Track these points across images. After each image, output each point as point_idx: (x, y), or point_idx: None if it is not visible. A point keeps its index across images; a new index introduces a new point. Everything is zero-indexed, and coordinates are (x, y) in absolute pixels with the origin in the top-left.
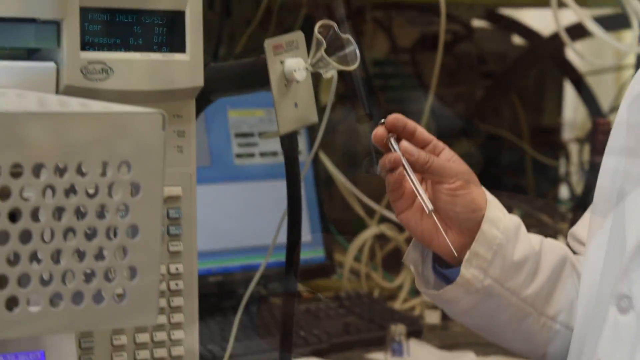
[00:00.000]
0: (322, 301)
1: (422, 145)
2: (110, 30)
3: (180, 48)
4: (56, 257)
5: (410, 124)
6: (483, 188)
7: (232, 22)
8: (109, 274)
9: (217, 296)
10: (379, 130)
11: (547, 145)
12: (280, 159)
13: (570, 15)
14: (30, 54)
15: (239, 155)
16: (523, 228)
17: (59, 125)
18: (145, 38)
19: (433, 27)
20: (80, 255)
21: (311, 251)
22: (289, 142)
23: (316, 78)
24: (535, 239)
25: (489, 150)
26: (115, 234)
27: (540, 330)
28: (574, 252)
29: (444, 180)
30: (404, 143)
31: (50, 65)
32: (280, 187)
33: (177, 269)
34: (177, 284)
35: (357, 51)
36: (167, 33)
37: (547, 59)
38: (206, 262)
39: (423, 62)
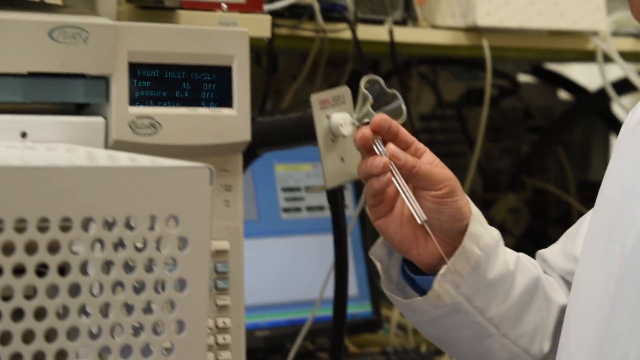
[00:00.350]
0: (369, 356)
1: (404, 147)
2: (158, 86)
3: (228, 103)
4: (105, 310)
5: (394, 124)
6: (467, 197)
7: (279, 77)
8: (157, 328)
9: (265, 351)
10: (365, 132)
11: (593, 200)
12: (327, 213)
13: (616, 70)
14: (80, 109)
15: (285, 210)
16: (502, 243)
17: (107, 179)
18: (193, 93)
19: (479, 82)
20: (129, 308)
21: (358, 305)
22: (335, 196)
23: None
24: (512, 256)
25: (535, 205)
26: (163, 288)
27: (499, 351)
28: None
29: (430, 186)
30: (392, 146)
31: (99, 120)
32: (327, 242)
33: (224, 323)
34: (224, 338)
35: (403, 105)
36: (214, 88)
37: (594, 114)
38: (253, 316)
39: (469, 116)
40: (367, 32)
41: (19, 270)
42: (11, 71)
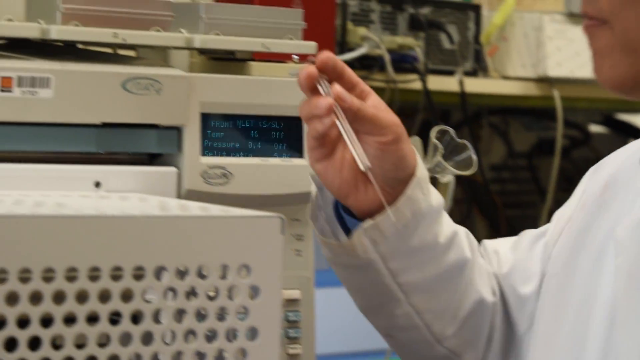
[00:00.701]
0: None
1: (349, 88)
2: (230, 136)
3: (298, 153)
4: (177, 359)
5: (340, 63)
6: (413, 148)
7: None
8: None
9: None
10: (309, 70)
11: None
12: None
13: None
14: (152, 159)
15: None
16: (440, 213)
17: (180, 228)
18: (264, 143)
19: (550, 132)
20: (201, 357)
21: None
22: None
23: (433, 183)
24: (448, 230)
25: None
26: (234, 337)
27: (400, 317)
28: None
29: (375, 131)
30: (337, 87)
31: (172, 170)
32: None
33: None
34: None
35: (474, 156)
36: (285, 139)
37: None
38: None
39: (540, 166)
40: (438, 83)
41: (92, 319)
42: (85, 122)
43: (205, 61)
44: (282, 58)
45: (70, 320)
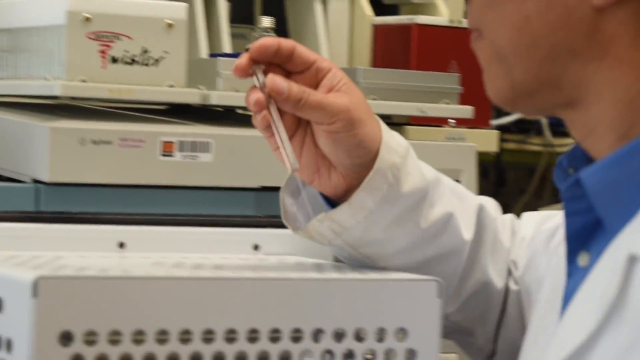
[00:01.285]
0: None
1: (303, 68)
2: None
3: None
4: None
5: (286, 44)
6: (376, 125)
7: (507, 191)
8: None
9: None
10: (239, 62)
11: None
12: None
13: None
14: None
15: None
16: (424, 198)
17: (338, 291)
18: None
19: None
20: None
21: None
22: None
23: None
24: (437, 213)
25: None
26: None
27: None
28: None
29: (322, 120)
30: (271, 78)
31: None
32: None
33: None
34: None
35: None
36: None
37: None
38: None
39: None
40: None
41: None
42: (244, 185)
43: None
44: (438, 122)
45: None
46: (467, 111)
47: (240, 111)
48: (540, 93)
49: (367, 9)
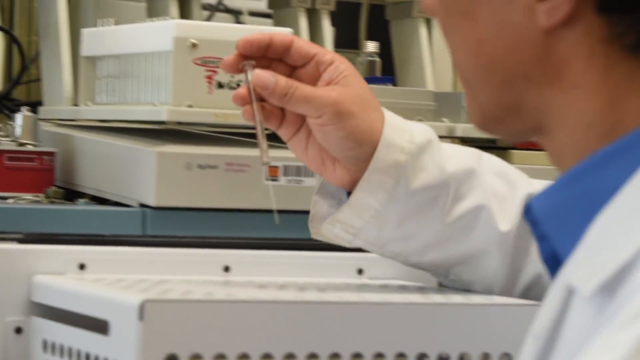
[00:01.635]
0: None
1: (303, 62)
2: None
3: None
4: None
5: (280, 38)
6: (375, 119)
7: None
8: None
9: None
10: (226, 59)
11: None
12: None
13: None
14: None
15: None
16: (442, 192)
17: (441, 315)
18: None
19: None
20: None
21: None
22: None
23: None
24: (463, 208)
25: None
26: None
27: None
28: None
29: (310, 113)
30: (257, 73)
31: None
32: None
33: None
34: None
35: None
36: None
37: None
38: None
39: None
40: None
41: None
42: None
43: None
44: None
45: None
46: None
47: None
48: (506, 118)
49: None
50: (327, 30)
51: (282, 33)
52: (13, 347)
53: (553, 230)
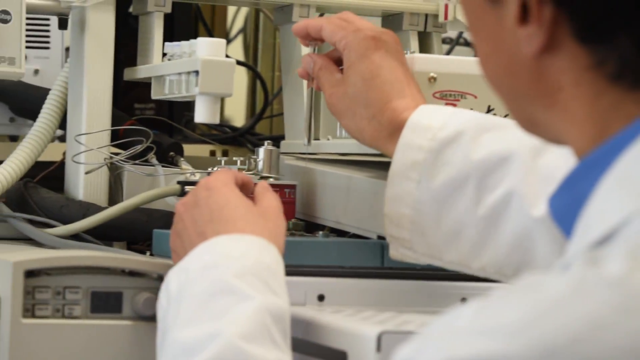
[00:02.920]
0: None
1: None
2: None
3: None
4: None
5: (314, 25)
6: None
7: None
8: None
9: None
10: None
11: None
12: None
13: None
14: None
15: None
16: (466, 182)
17: None
18: None
19: None
20: None
21: None
22: None
23: None
24: (494, 197)
25: None
26: None
27: None
28: None
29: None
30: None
31: None
32: None
33: None
34: None
35: None
36: None
37: None
38: None
39: None
40: None
41: None
42: None
43: None
44: None
45: None
46: None
47: None
48: (532, 129)
49: None
50: None
51: (315, 20)
52: None
53: (564, 229)
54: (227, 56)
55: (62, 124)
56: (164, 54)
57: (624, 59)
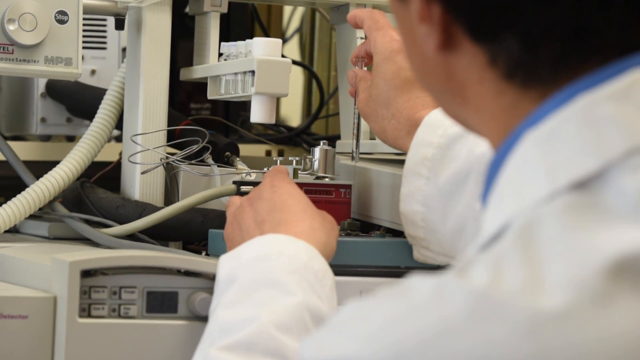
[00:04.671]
0: None
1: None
2: None
3: None
4: None
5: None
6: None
7: None
8: None
9: None
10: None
11: None
12: None
13: None
14: None
15: None
16: (469, 174)
17: None
18: None
19: None
20: None
21: None
22: None
23: None
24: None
25: None
26: None
27: None
28: None
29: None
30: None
31: None
32: None
33: None
34: None
35: None
36: None
37: None
38: None
39: None
40: None
41: None
42: None
43: None
44: None
45: None
46: None
47: None
48: (460, 123)
49: None
50: None
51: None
52: None
53: None
54: (283, 56)
55: (119, 124)
56: (220, 54)
57: (513, 57)
